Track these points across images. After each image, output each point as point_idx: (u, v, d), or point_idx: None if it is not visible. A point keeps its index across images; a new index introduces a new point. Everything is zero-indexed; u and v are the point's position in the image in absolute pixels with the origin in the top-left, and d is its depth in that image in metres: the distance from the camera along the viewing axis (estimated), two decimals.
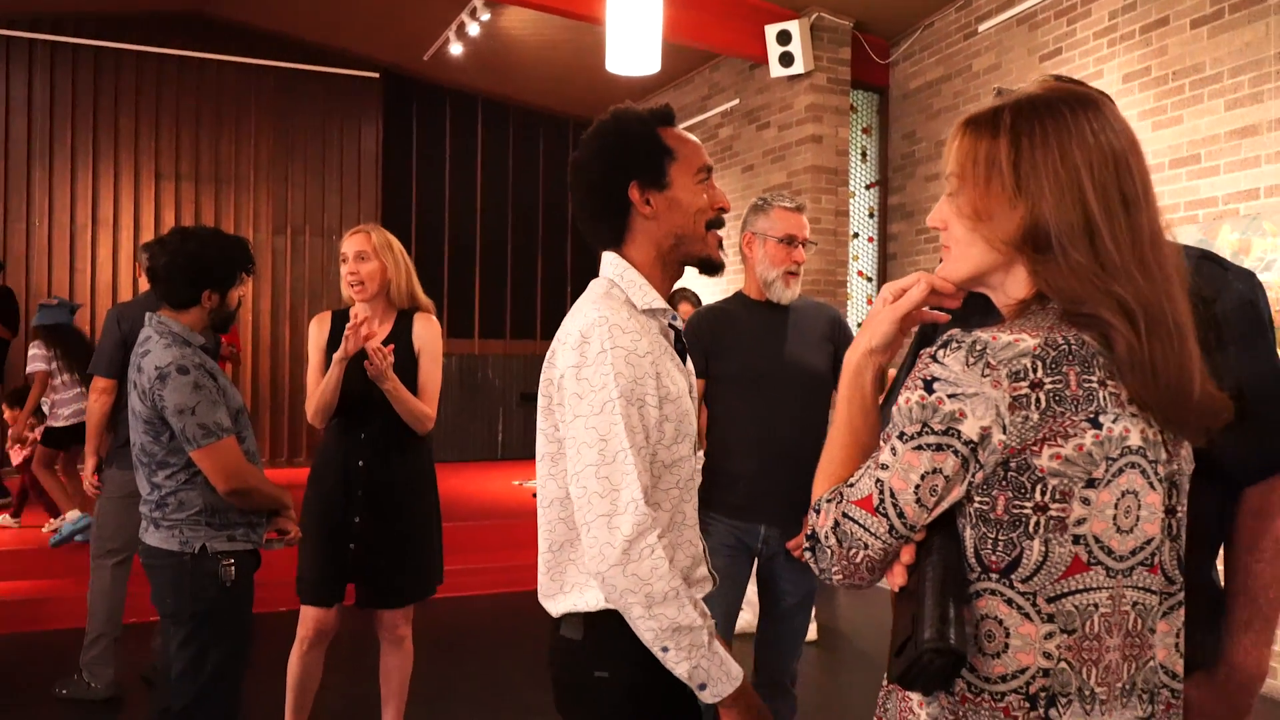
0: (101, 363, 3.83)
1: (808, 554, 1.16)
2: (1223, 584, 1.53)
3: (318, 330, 3.14)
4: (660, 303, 1.65)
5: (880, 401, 1.25)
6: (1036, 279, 1.11)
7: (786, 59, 6.50)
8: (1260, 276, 4.08)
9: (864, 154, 6.95)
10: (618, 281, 1.65)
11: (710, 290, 6.89)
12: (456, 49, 8.00)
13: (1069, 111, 1.09)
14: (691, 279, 7.93)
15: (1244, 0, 4.29)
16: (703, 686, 1.50)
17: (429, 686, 4.03)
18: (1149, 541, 1.08)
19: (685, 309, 5.01)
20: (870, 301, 6.91)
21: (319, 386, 3.00)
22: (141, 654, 4.15)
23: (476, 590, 5.78)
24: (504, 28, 7.77)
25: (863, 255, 6.89)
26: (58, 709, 3.86)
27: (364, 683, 3.35)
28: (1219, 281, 1.49)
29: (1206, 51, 4.47)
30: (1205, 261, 1.53)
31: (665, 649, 1.49)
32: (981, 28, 5.87)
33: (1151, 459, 1.07)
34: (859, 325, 6.79)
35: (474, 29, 7.54)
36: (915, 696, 1.11)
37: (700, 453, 3.03)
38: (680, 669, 1.49)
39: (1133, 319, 1.03)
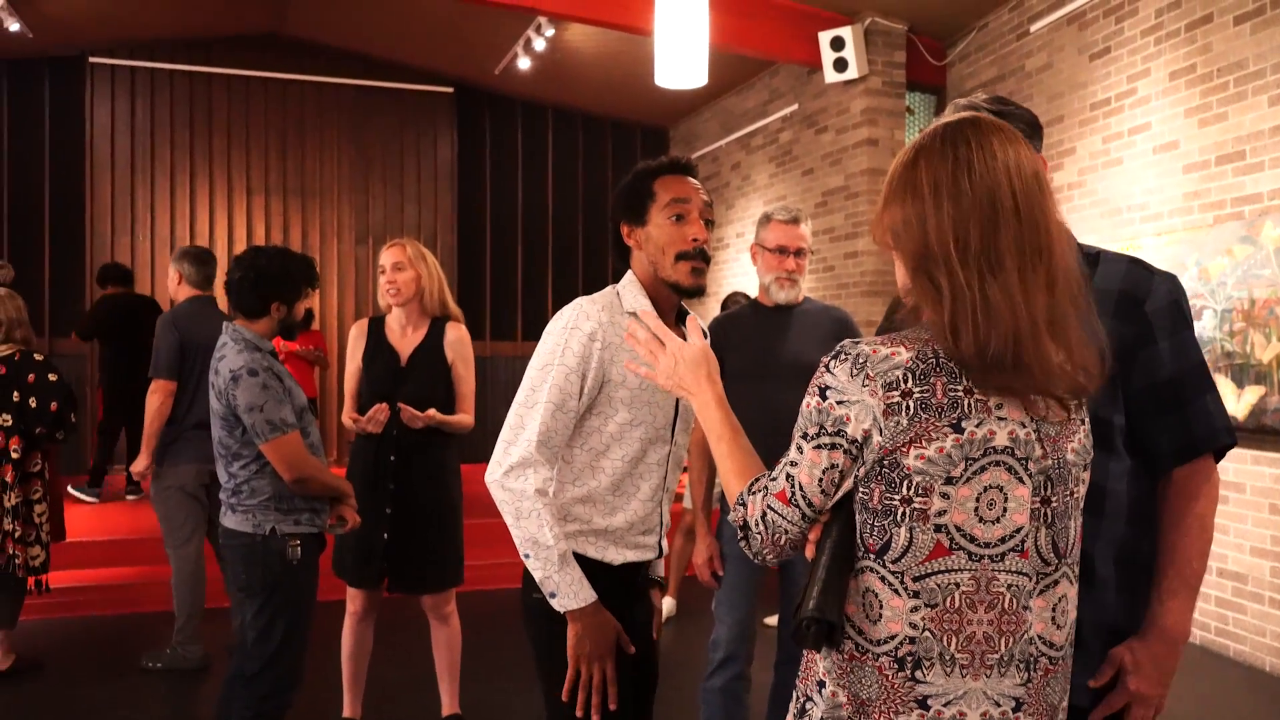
0: (160, 366, 4.10)
1: (741, 542, 1.34)
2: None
3: (356, 339, 3.46)
4: (645, 308, 1.97)
5: None
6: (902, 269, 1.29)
7: (841, 64, 6.61)
8: None
9: None
10: (620, 289, 2.04)
11: None
12: (524, 63, 8.32)
13: (941, 137, 1.27)
14: (748, 284, 8.09)
15: None
16: (553, 595, 1.88)
17: (485, 664, 4.31)
18: (1019, 530, 1.23)
19: None
20: None
21: (354, 417, 3.37)
22: (225, 631, 4.52)
23: None
24: (568, 41, 8.06)
25: None
26: (154, 678, 4.25)
27: (423, 663, 3.64)
28: (1146, 284, 1.68)
29: (1249, 48, 4.48)
30: (1134, 266, 1.71)
31: (527, 555, 1.90)
32: (1033, 28, 5.91)
33: (1020, 456, 1.22)
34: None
35: (540, 44, 7.84)
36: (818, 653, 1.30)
37: None
38: (536, 574, 1.90)
39: (939, 293, 1.20)
